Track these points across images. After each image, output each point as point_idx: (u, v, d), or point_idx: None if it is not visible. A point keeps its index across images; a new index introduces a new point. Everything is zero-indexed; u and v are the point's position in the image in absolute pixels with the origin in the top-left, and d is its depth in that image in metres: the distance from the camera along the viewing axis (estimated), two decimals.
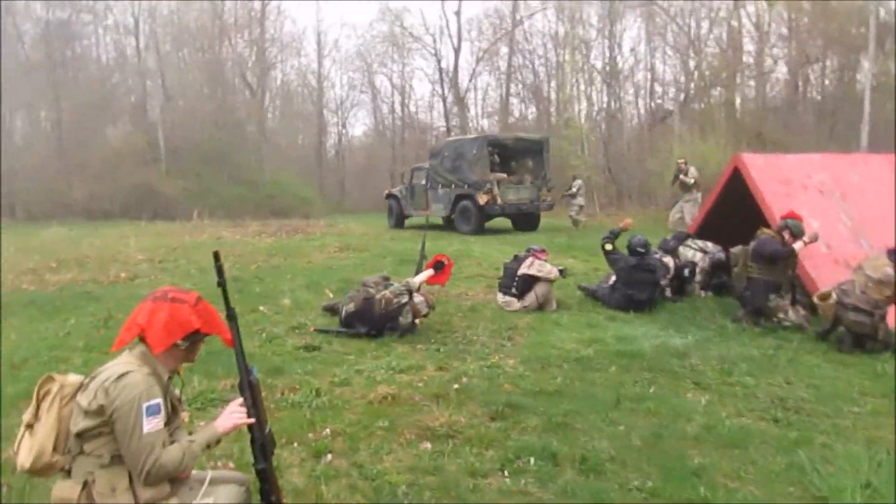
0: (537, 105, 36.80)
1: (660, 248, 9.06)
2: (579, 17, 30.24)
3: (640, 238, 8.00)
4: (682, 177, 14.80)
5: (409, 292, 6.67)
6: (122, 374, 2.39)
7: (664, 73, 32.62)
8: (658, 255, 8.58)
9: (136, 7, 27.51)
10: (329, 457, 3.88)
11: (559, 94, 35.22)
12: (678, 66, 30.69)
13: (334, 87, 44.49)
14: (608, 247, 8.08)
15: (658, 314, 7.78)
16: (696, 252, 8.99)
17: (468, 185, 16.77)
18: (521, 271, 7.84)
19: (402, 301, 6.59)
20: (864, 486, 3.48)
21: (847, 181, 8.68)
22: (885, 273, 6.07)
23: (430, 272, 7.10)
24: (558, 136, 26.67)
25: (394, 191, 19.92)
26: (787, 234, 7.04)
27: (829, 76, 25.60)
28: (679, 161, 15.39)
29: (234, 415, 2.59)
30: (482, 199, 16.29)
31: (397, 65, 42.37)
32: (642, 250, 7.89)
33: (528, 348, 6.26)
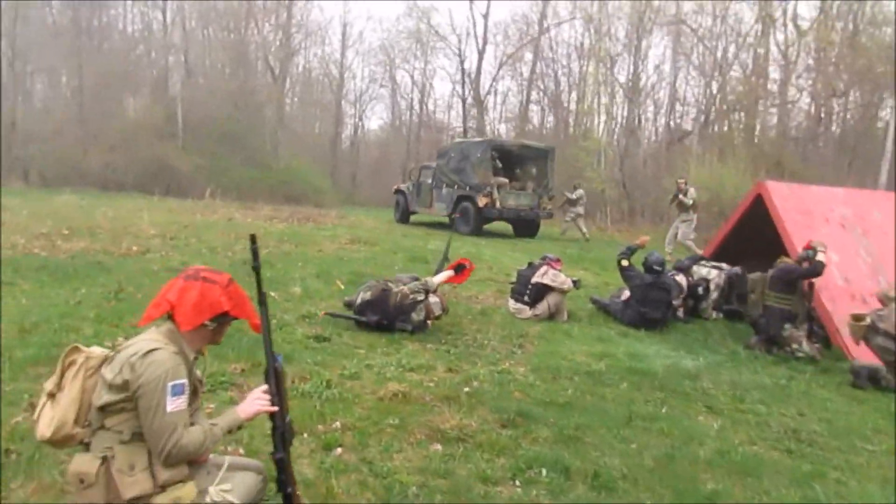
0: (556, 114, 36.72)
1: (674, 268, 9.01)
2: (606, 31, 30.12)
3: (657, 256, 7.94)
4: (681, 196, 14.78)
5: (427, 291, 6.64)
6: (150, 351, 2.36)
7: (685, 93, 32.58)
8: (672, 274, 8.54)
9: None
10: (339, 450, 3.83)
11: (578, 106, 35.19)
12: (701, 88, 30.62)
13: (355, 79, 44.55)
14: (624, 262, 8.02)
15: (670, 334, 7.73)
16: (710, 269, 8.93)
17: (470, 187, 17.08)
18: (535, 279, 7.79)
19: (418, 298, 6.57)
20: None
21: (869, 218, 8.63)
22: None
23: (451, 273, 7.08)
24: (575, 147, 26.63)
25: (402, 187, 20.27)
26: (806, 265, 6.98)
27: (851, 111, 25.48)
28: (679, 181, 15.48)
29: (258, 401, 2.56)
30: (481, 202, 16.58)
31: (419, 62, 42.39)
32: (659, 268, 7.83)
33: (539, 357, 6.21)
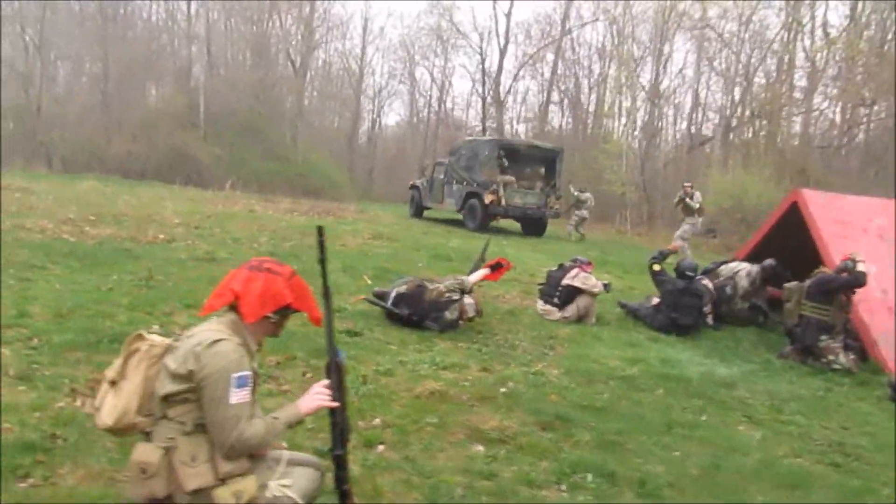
0: (575, 115, 36.59)
1: (702, 272, 8.89)
2: (629, 33, 29.95)
3: (689, 261, 7.86)
4: (687, 200, 14.67)
5: (462, 291, 6.59)
6: (215, 341, 2.32)
7: (706, 98, 32.39)
8: (698, 279, 8.42)
9: None
10: (381, 448, 3.79)
11: (598, 108, 35.06)
12: (723, 93, 30.41)
13: (374, 75, 44.56)
14: (656, 267, 7.93)
15: (700, 340, 7.62)
16: (738, 264, 8.84)
17: (477, 184, 17.34)
18: (566, 282, 7.71)
19: (453, 297, 6.52)
20: None
21: None
22: None
23: (487, 271, 7.01)
24: (596, 149, 26.50)
25: (417, 182, 20.65)
26: (846, 276, 6.87)
27: (877, 121, 25.17)
28: (685, 185, 15.45)
29: (319, 396, 2.51)
30: (487, 199, 16.81)
31: (439, 59, 42.36)
32: (691, 274, 7.74)
33: (571, 360, 6.13)
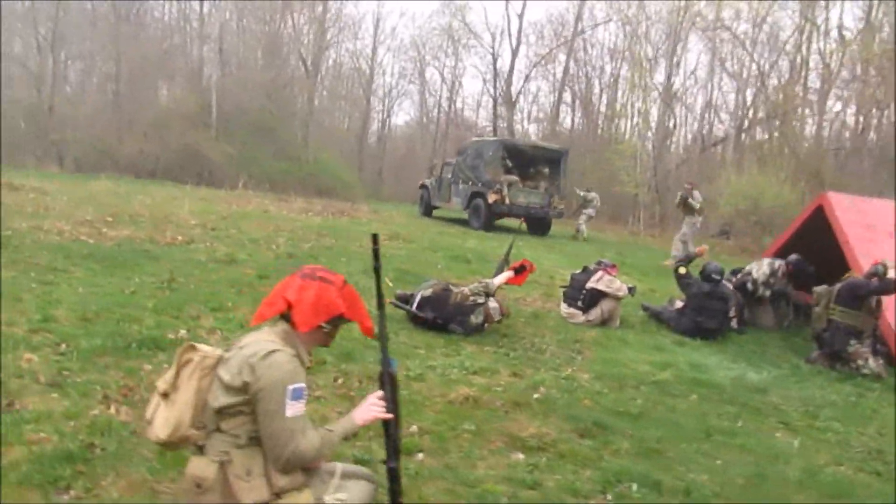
0: (587, 116, 36.46)
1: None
2: (643, 33, 29.81)
3: (715, 265, 7.76)
4: (689, 200, 14.60)
5: (487, 294, 6.52)
6: (270, 352, 2.25)
7: (717, 99, 32.24)
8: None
9: None
10: (421, 456, 3.73)
11: (609, 109, 34.95)
12: (736, 94, 30.25)
13: (384, 75, 44.52)
14: (682, 270, 7.84)
15: (726, 345, 7.54)
16: (757, 263, 8.77)
17: (482, 184, 17.57)
18: (590, 285, 7.63)
19: (478, 301, 6.45)
20: None
21: None
22: None
23: (511, 273, 6.93)
24: (609, 151, 26.39)
25: (426, 182, 20.97)
26: (876, 281, 6.77)
27: (888, 124, 24.94)
28: (686, 185, 15.43)
29: (374, 407, 2.44)
30: (491, 198, 17.03)
31: (450, 59, 42.31)
32: (717, 277, 7.64)
33: (600, 364, 6.06)
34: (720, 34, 29.47)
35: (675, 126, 31.47)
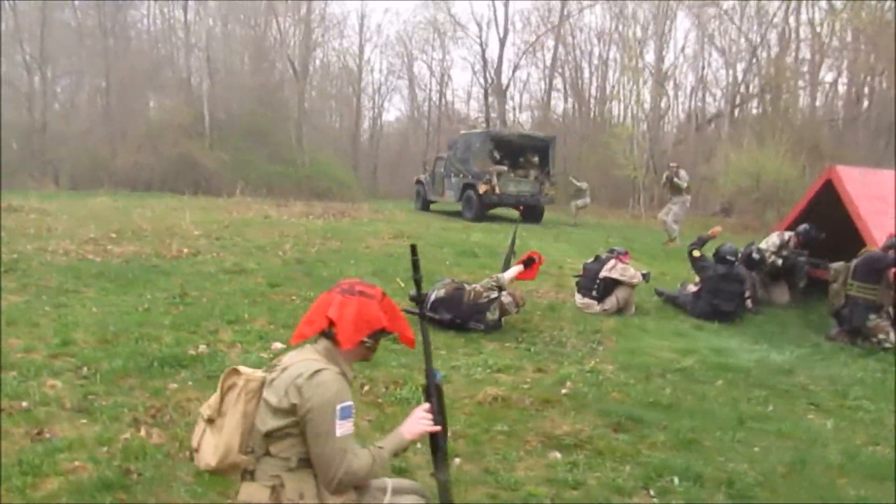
0: (579, 101, 36.34)
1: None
2: (630, 13, 29.70)
3: (730, 246, 7.71)
4: (675, 179, 14.60)
5: (500, 288, 6.47)
6: (316, 372, 2.20)
7: (709, 76, 32.16)
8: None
9: None
10: (458, 460, 3.67)
11: (599, 92, 34.89)
12: (726, 69, 30.16)
13: (373, 72, 44.37)
14: (696, 253, 7.80)
15: (744, 326, 7.51)
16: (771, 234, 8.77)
17: (472, 176, 17.92)
18: (604, 274, 7.59)
19: (492, 296, 6.40)
20: None
21: None
22: None
23: (521, 268, 6.85)
24: (606, 135, 26.31)
25: (421, 177, 21.38)
26: (893, 253, 6.72)
27: (881, 92, 24.90)
28: (672, 165, 15.52)
29: (423, 421, 2.40)
30: (481, 189, 17.42)
31: (438, 52, 42.17)
32: (732, 259, 7.60)
33: (623, 354, 6.02)
34: (707, 10, 29.39)
35: (668, 106, 31.38)
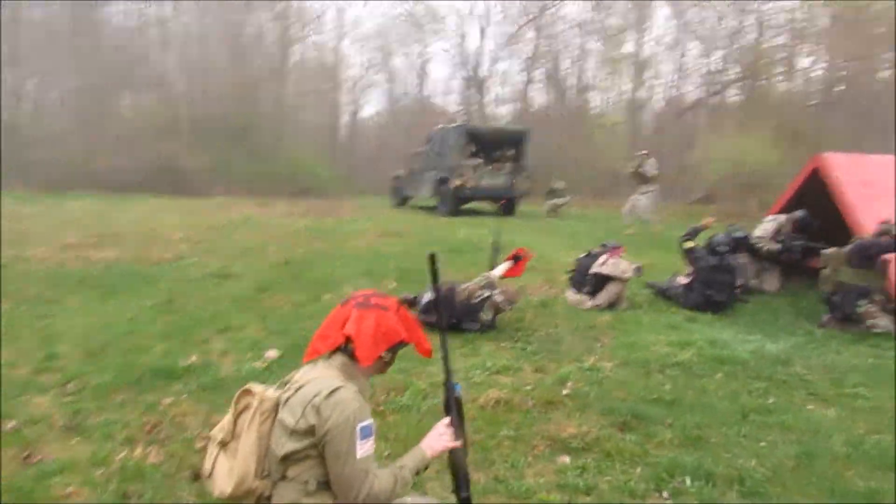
0: (558, 93, 36.28)
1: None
2: (609, 5, 29.68)
3: (721, 237, 7.70)
4: (641, 169, 14.64)
5: (491, 286, 6.40)
6: (334, 391, 2.12)
7: (686, 64, 32.24)
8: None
9: None
10: None
11: (579, 83, 34.85)
12: (704, 56, 30.25)
13: (350, 68, 43.99)
14: (688, 245, 7.77)
15: (737, 316, 7.48)
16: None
17: (447, 170, 18.06)
18: (595, 269, 7.53)
19: (485, 295, 6.32)
20: None
21: None
22: None
23: (509, 264, 6.79)
24: (589, 126, 26.32)
25: (399, 173, 21.55)
26: (885, 239, 6.74)
27: (862, 76, 25.09)
28: (640, 153, 15.55)
29: (444, 437, 2.32)
30: (455, 183, 17.59)
31: (416, 46, 41.92)
32: (724, 249, 7.58)
33: (620, 350, 5.97)
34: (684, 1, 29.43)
35: (649, 95, 31.45)
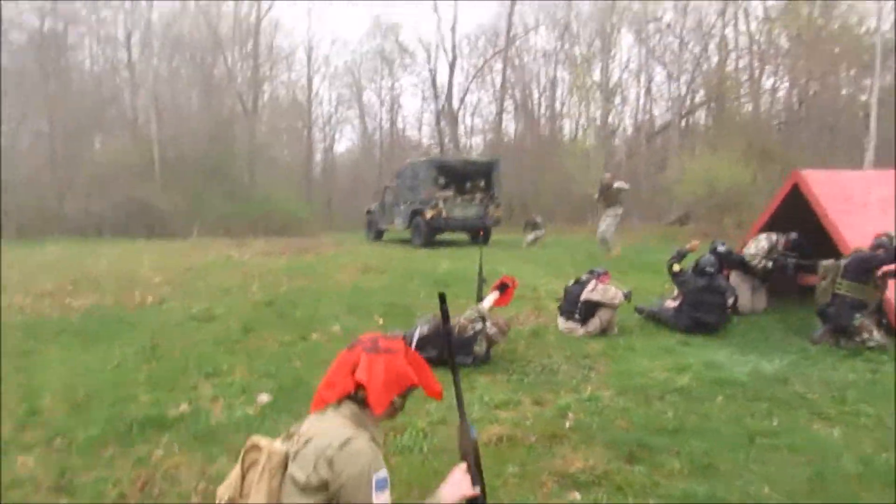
0: (529, 122, 36.67)
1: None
2: (576, 33, 30.20)
3: (708, 258, 7.71)
4: (612, 186, 14.83)
5: (483, 319, 6.31)
6: (347, 441, 2.01)
7: (655, 90, 32.81)
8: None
9: (128, 20, 26.86)
10: None
11: (548, 111, 35.34)
12: (671, 81, 30.83)
13: (322, 104, 44.15)
14: (676, 268, 7.77)
15: (729, 337, 7.48)
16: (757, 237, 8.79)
17: (419, 202, 18.40)
18: (585, 296, 7.49)
19: (477, 328, 6.23)
20: None
21: None
22: None
23: (497, 294, 6.71)
24: (562, 153, 26.56)
25: (372, 207, 21.96)
26: (882, 252, 6.79)
27: (825, 93, 25.70)
28: (606, 175, 15.72)
29: (463, 484, 2.21)
30: (428, 214, 17.88)
31: (386, 80, 42.24)
32: (711, 270, 7.59)
33: (617, 378, 5.91)
34: (647, 28, 30.03)
35: (618, 121, 31.92)
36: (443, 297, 2.28)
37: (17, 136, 27.09)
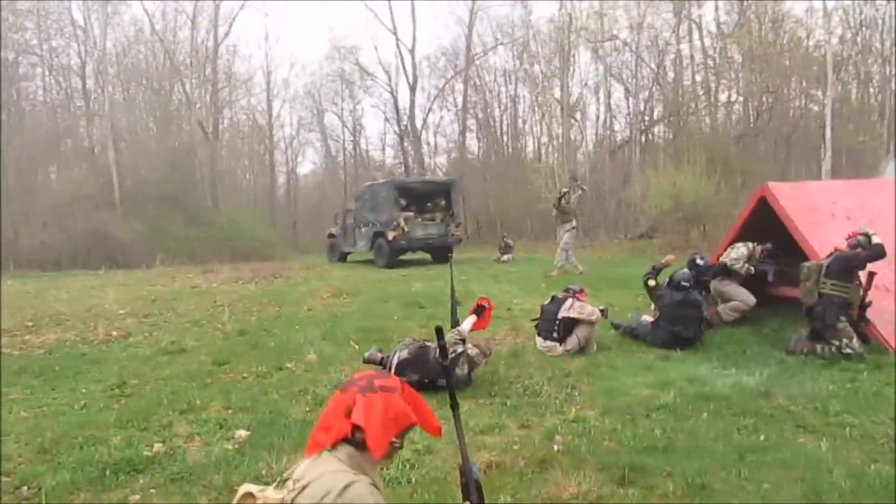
0: (491, 140, 36.92)
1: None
2: (535, 52, 30.55)
3: (683, 273, 7.74)
4: (564, 202, 15.10)
5: (463, 341, 6.21)
6: (347, 487, 1.90)
7: (612, 106, 33.31)
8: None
9: (81, 50, 26.46)
10: None
11: (510, 129, 35.65)
12: (629, 98, 31.32)
13: (283, 127, 43.88)
14: (651, 283, 7.79)
15: (707, 350, 7.50)
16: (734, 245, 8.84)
17: (381, 224, 18.77)
18: (562, 314, 7.45)
19: (458, 350, 6.12)
20: None
21: (871, 206, 8.64)
22: None
23: (474, 318, 6.61)
24: (526, 171, 26.72)
25: (333, 231, 22.21)
26: (862, 251, 6.90)
27: (778, 105, 26.35)
28: (563, 190, 16.02)
29: None
30: (390, 235, 18.23)
31: (348, 103, 42.21)
32: (686, 285, 7.61)
33: (601, 396, 5.85)
34: (603, 45, 30.51)
35: (580, 137, 32.26)
36: (439, 331, 2.19)
37: None
